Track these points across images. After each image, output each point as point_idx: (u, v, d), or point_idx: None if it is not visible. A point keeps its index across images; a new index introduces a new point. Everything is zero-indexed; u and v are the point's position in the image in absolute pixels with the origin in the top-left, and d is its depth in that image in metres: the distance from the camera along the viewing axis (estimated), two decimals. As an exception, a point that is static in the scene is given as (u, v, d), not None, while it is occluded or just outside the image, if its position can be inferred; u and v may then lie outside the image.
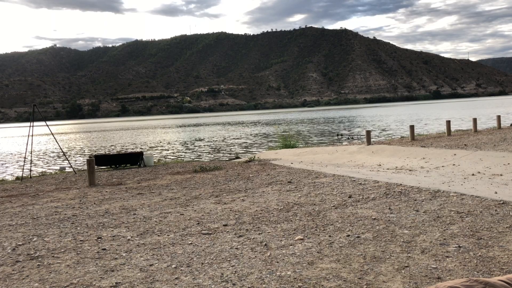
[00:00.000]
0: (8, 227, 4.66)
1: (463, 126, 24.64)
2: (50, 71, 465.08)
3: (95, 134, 53.38)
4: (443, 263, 2.80)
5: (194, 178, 8.06)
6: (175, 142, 30.53)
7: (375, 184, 5.99)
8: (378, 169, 8.50)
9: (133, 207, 5.47)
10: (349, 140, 22.28)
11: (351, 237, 3.49)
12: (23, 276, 3.02)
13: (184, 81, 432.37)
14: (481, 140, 12.77)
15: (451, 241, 3.23)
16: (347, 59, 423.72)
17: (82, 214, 5.22)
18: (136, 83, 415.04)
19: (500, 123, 18.63)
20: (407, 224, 3.80)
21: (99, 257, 3.37)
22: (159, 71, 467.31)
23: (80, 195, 6.84)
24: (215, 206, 5.19)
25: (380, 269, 2.75)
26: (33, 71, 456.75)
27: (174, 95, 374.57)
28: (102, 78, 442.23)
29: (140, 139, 35.93)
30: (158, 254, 3.37)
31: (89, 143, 34.52)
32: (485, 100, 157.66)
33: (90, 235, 4.12)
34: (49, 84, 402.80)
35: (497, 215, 3.91)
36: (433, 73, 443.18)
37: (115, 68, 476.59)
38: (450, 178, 6.61)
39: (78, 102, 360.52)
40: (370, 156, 11.08)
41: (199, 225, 4.26)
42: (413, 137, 15.05)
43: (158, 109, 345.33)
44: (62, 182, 9.02)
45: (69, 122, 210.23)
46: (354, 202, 4.86)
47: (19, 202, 6.43)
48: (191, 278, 2.81)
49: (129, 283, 2.78)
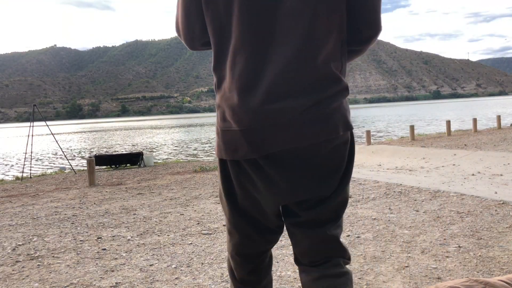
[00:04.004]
0: (8, 227, 4.66)
1: (463, 126, 24.65)
2: (50, 71, 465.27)
3: (95, 134, 53.41)
4: (443, 263, 2.80)
5: (194, 178, 8.07)
6: (175, 142, 30.54)
7: (375, 184, 5.99)
8: (378, 169, 8.50)
9: (133, 207, 5.47)
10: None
11: (351, 237, 3.49)
12: (23, 276, 3.02)
13: (184, 81, 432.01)
14: (481, 140, 12.78)
15: (451, 241, 3.23)
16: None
17: (82, 214, 5.22)
18: (136, 83, 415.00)
19: (500, 123, 18.63)
20: (407, 224, 3.80)
21: (99, 257, 3.37)
22: (159, 71, 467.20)
23: (80, 195, 6.84)
24: (215, 206, 5.19)
25: (380, 269, 2.76)
26: (33, 71, 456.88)
27: (174, 95, 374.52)
28: (102, 78, 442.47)
29: (140, 140, 35.94)
30: (158, 254, 3.37)
31: (89, 143, 34.52)
32: (485, 100, 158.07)
33: (90, 235, 4.13)
34: (49, 84, 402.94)
35: (497, 215, 3.91)
36: (433, 73, 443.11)
37: (115, 68, 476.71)
38: (450, 178, 6.61)
39: (78, 102, 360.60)
40: (370, 156, 11.08)
41: (199, 225, 4.26)
42: (413, 137, 15.06)
43: (158, 109, 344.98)
44: (62, 182, 9.02)
45: (69, 122, 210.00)
46: (354, 202, 4.86)
47: (19, 202, 6.43)
48: (191, 278, 2.81)
49: (129, 283, 2.78)
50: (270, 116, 1.22)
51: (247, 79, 1.23)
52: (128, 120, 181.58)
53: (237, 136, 1.26)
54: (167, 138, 35.39)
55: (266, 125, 1.22)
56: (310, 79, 1.23)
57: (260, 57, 1.23)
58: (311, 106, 1.22)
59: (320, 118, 1.23)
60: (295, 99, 1.21)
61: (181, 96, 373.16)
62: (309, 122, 1.22)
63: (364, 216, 4.16)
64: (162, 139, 34.20)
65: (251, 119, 1.23)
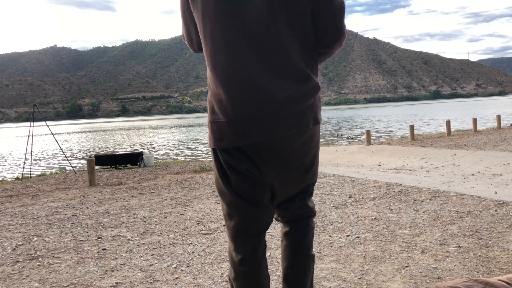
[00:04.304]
0: (8, 227, 4.66)
1: (463, 126, 24.64)
2: (50, 71, 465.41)
3: (95, 134, 53.40)
4: (443, 263, 2.80)
5: (194, 178, 8.07)
6: (175, 142, 30.54)
7: (375, 184, 5.99)
8: (378, 169, 8.50)
9: (133, 207, 5.47)
10: (349, 140, 22.28)
11: (351, 237, 3.49)
12: (23, 276, 3.02)
13: (184, 81, 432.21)
14: (481, 140, 12.78)
15: (451, 241, 3.23)
16: (347, 59, 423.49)
17: (82, 214, 5.22)
18: (136, 83, 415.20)
19: (500, 123, 18.63)
20: (407, 224, 3.80)
21: (99, 257, 3.37)
22: (159, 71, 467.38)
23: (80, 195, 6.84)
24: (215, 206, 5.19)
25: (380, 269, 2.76)
26: (33, 71, 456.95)
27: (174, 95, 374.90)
28: (102, 78, 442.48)
29: (140, 140, 35.94)
30: (158, 254, 3.37)
31: (89, 143, 34.52)
32: (485, 100, 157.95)
33: (90, 235, 4.13)
34: (49, 84, 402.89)
35: (497, 215, 3.91)
36: (433, 73, 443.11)
37: (115, 68, 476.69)
38: (450, 178, 6.61)
39: (78, 102, 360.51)
40: (370, 156, 11.08)
41: (199, 225, 4.26)
42: (413, 137, 15.06)
43: (158, 109, 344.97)
44: (62, 182, 9.02)
45: (69, 122, 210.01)
46: (354, 202, 4.86)
47: (19, 202, 6.44)
48: (191, 278, 2.81)
49: (129, 283, 2.78)
50: (252, 110, 1.44)
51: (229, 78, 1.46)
52: (128, 120, 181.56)
53: (224, 127, 1.48)
54: (167, 138, 35.39)
55: (248, 117, 1.45)
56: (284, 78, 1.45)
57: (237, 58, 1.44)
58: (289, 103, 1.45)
59: (293, 115, 1.46)
60: (272, 96, 1.43)
61: (181, 96, 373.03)
62: (285, 117, 1.45)
63: (364, 216, 4.16)
64: (162, 139, 34.20)
65: (236, 112, 1.45)
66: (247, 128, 1.44)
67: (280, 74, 1.44)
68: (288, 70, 1.45)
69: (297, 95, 1.46)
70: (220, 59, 1.46)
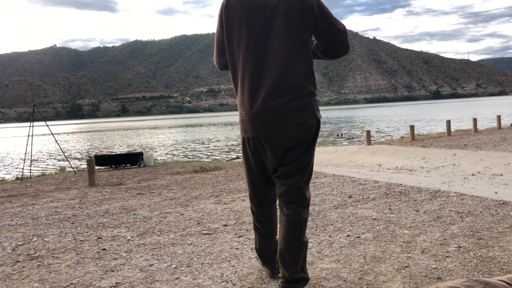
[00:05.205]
0: (8, 227, 4.66)
1: (463, 126, 24.63)
2: (50, 71, 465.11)
3: (94, 135, 53.38)
4: (443, 263, 2.80)
5: (194, 178, 8.06)
6: (175, 142, 30.54)
7: (375, 184, 5.99)
8: (378, 169, 8.50)
9: (133, 207, 5.47)
10: (349, 140, 22.28)
11: (351, 237, 3.48)
12: (23, 276, 3.02)
13: (184, 81, 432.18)
14: (481, 140, 12.78)
15: (451, 241, 3.23)
16: (347, 59, 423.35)
17: (82, 214, 5.22)
18: (136, 83, 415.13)
19: (500, 123, 18.63)
20: (407, 224, 3.80)
21: (99, 257, 3.37)
22: (159, 71, 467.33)
23: (80, 195, 6.84)
24: (215, 206, 5.19)
25: (380, 269, 2.75)
26: (33, 71, 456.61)
27: (174, 95, 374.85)
28: (102, 78, 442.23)
29: (140, 140, 35.94)
30: (158, 254, 3.37)
31: (89, 143, 34.52)
32: (485, 100, 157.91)
33: (90, 235, 4.12)
34: (49, 84, 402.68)
35: (497, 215, 3.91)
36: (433, 73, 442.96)
37: (115, 68, 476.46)
38: (450, 178, 6.61)
39: (78, 102, 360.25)
40: (370, 156, 11.08)
41: (199, 225, 4.26)
42: (413, 137, 15.05)
43: (158, 109, 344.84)
44: (62, 182, 9.02)
45: (69, 122, 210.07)
46: (354, 202, 4.86)
47: (19, 202, 6.43)
48: (191, 278, 2.80)
49: (129, 283, 2.78)
50: (265, 110, 2.11)
51: (252, 88, 2.13)
52: (128, 120, 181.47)
53: (246, 123, 2.18)
54: (167, 138, 35.38)
55: (263, 115, 2.11)
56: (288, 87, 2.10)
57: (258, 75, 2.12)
58: (289, 103, 2.09)
59: (294, 111, 2.10)
60: (280, 99, 2.09)
61: (181, 96, 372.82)
62: (288, 113, 2.09)
63: (364, 216, 4.16)
64: (162, 139, 34.20)
65: (254, 112, 2.13)
66: (260, 124, 2.13)
67: (285, 86, 2.09)
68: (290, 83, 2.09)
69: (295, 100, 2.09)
70: (247, 76, 2.13)
